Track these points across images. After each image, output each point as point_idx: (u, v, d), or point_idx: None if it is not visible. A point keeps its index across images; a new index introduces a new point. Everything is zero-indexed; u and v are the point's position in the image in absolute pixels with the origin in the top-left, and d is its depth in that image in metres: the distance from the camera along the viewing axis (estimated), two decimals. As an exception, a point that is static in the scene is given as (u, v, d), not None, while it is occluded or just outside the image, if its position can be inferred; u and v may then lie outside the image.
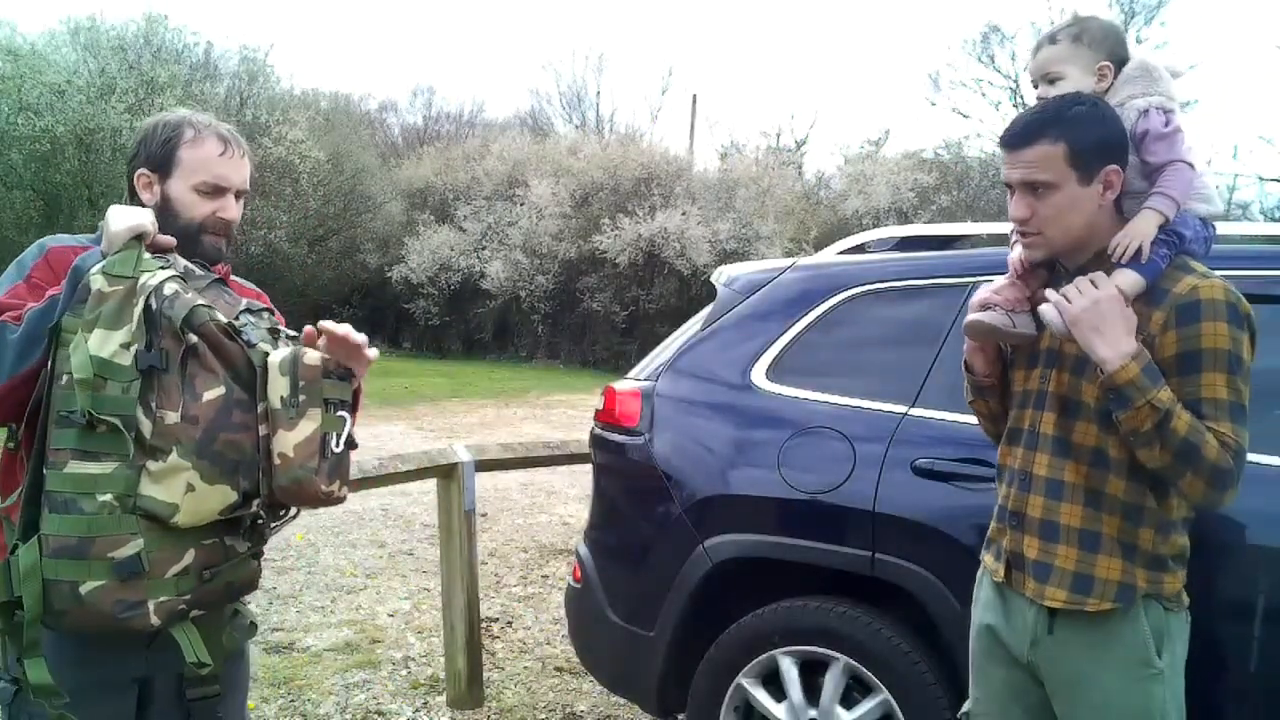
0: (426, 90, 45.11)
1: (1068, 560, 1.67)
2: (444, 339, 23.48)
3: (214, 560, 1.48)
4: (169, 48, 20.41)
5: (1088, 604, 1.64)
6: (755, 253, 19.41)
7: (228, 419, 1.43)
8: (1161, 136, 1.66)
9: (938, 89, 26.57)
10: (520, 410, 12.73)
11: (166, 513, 1.40)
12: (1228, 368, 1.55)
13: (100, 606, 1.38)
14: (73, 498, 1.38)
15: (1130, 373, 1.52)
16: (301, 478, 1.46)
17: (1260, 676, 1.92)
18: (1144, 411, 1.51)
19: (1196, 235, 1.69)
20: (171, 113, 1.70)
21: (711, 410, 2.68)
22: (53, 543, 1.37)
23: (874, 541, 2.30)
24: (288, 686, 3.57)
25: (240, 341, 1.48)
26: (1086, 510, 1.67)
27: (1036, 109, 1.67)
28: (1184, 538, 1.68)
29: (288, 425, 1.45)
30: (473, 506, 3.55)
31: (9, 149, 17.55)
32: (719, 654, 2.53)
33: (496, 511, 6.67)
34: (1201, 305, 1.56)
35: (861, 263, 2.71)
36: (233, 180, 1.67)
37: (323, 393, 1.47)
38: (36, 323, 1.45)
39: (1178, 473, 1.54)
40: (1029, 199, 1.64)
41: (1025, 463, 1.75)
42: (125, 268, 1.45)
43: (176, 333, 1.42)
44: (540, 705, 3.54)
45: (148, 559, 1.40)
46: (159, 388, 1.41)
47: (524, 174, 22.31)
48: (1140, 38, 24.69)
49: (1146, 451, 1.54)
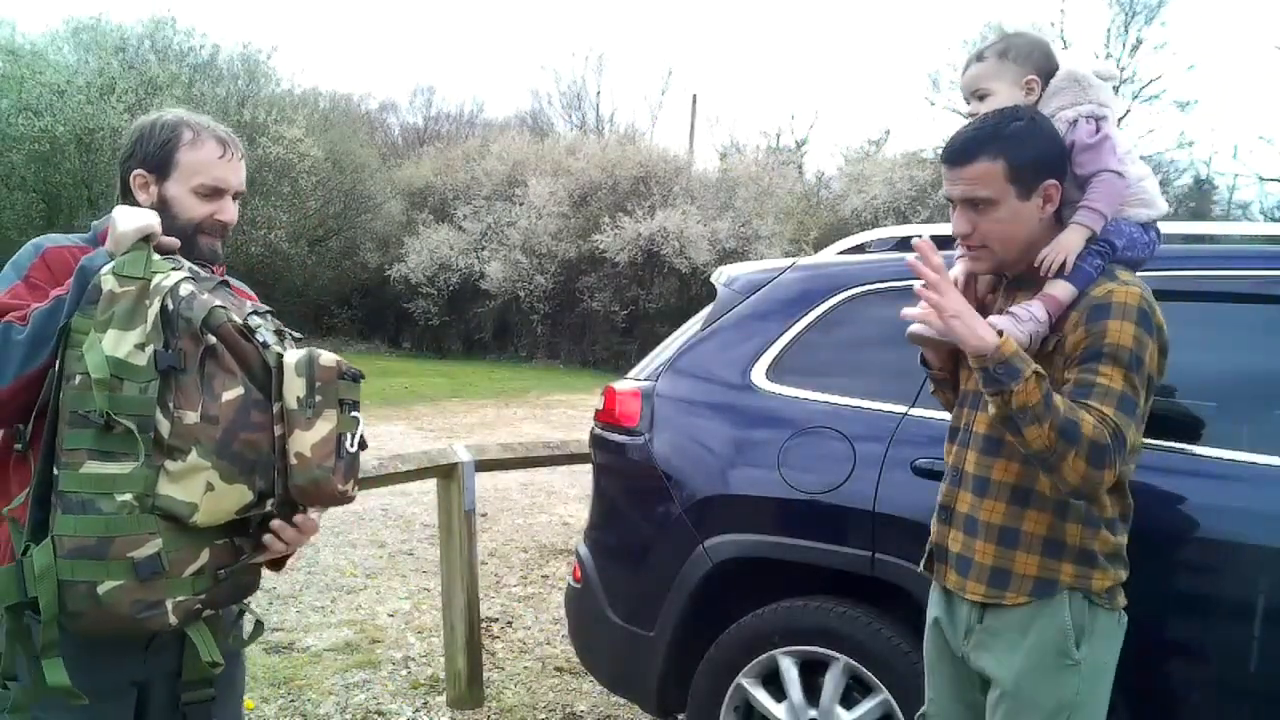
0: (426, 90, 45.17)
1: (985, 555, 1.73)
2: (444, 339, 23.49)
3: (227, 559, 1.49)
4: (173, 48, 20.41)
5: (1005, 598, 1.71)
6: (755, 252, 19.42)
7: (246, 419, 1.44)
8: (1087, 147, 1.70)
9: (937, 89, 26.55)
10: (520, 410, 12.73)
11: (186, 512, 1.40)
12: (1126, 364, 1.58)
13: (118, 607, 1.38)
14: (90, 498, 1.37)
15: (1011, 345, 1.56)
16: (319, 478, 1.47)
17: (1260, 676, 1.92)
18: (1033, 381, 1.53)
19: (1133, 242, 1.72)
20: (168, 112, 1.69)
21: (711, 410, 2.68)
22: (68, 543, 1.37)
23: (874, 541, 2.30)
24: (288, 686, 3.57)
25: (255, 342, 1.48)
26: (1010, 508, 1.71)
27: (975, 125, 1.71)
28: (1117, 536, 1.70)
29: (305, 425, 1.46)
30: (473, 506, 3.55)
31: (9, 149, 17.56)
32: (719, 654, 2.53)
33: (496, 511, 6.67)
34: (1112, 306, 1.61)
35: (861, 263, 2.71)
36: (231, 183, 1.68)
37: (338, 393, 1.48)
38: (43, 323, 1.45)
39: (1061, 454, 1.53)
40: (970, 214, 1.69)
41: (958, 459, 1.82)
42: (136, 268, 1.45)
43: (195, 333, 1.42)
44: (540, 705, 3.54)
45: (167, 558, 1.40)
46: (177, 388, 1.41)
47: (523, 174, 22.33)
48: (1140, 38, 24.69)
49: (1035, 429, 1.54)
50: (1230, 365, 2.17)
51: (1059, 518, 1.68)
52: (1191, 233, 2.69)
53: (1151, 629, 1.92)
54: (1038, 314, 1.66)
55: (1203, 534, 1.98)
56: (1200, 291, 2.12)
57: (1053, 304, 1.67)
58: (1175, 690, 2.03)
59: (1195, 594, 2.03)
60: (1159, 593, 1.96)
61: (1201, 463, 2.01)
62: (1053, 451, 1.54)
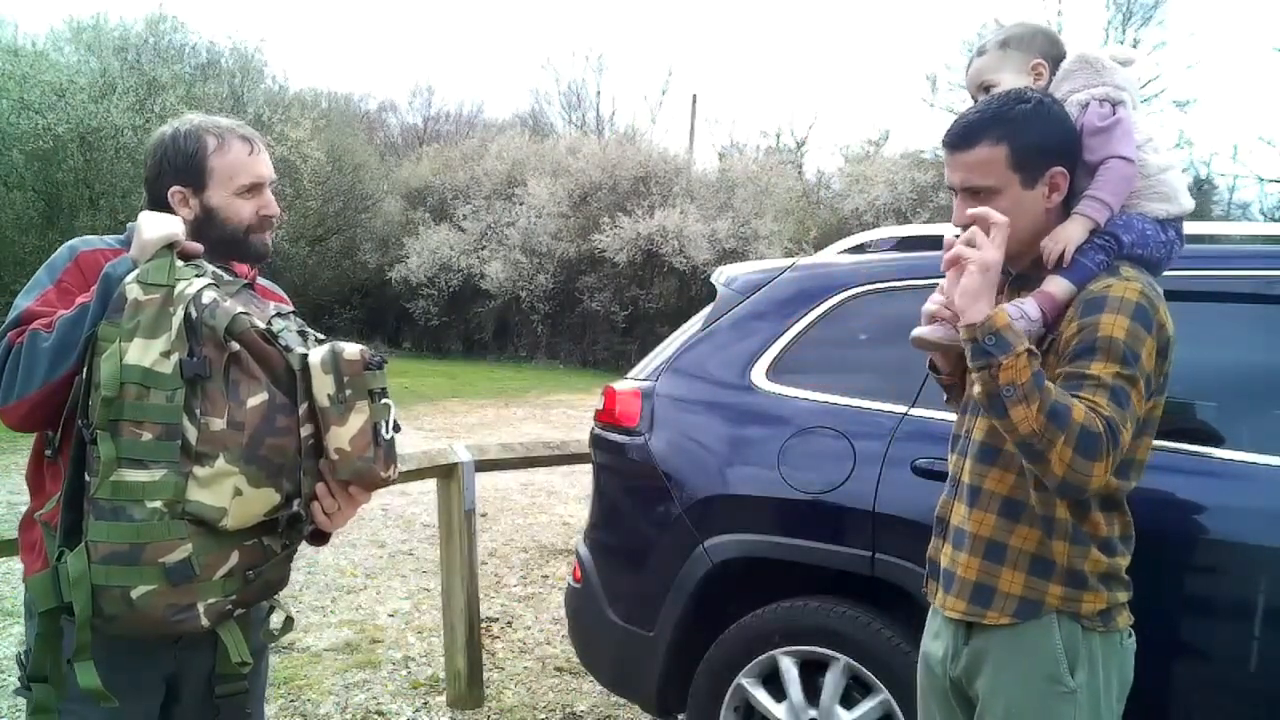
0: (426, 90, 45.22)
1: (969, 570, 1.64)
2: (444, 339, 23.49)
3: (256, 560, 1.51)
4: (172, 47, 20.41)
5: (986, 616, 1.61)
6: (755, 252, 19.42)
7: (272, 424, 1.45)
8: (1097, 130, 1.58)
9: (935, 90, 26.57)
10: (520, 410, 12.73)
11: (215, 517, 1.42)
12: (1120, 358, 1.47)
13: (152, 611, 1.41)
14: (121, 505, 1.39)
15: (1003, 318, 1.47)
16: (362, 469, 1.49)
17: (1260, 676, 1.92)
18: (1024, 358, 1.44)
19: (1143, 239, 1.60)
20: (182, 121, 1.70)
21: (711, 410, 2.68)
22: (101, 549, 1.39)
23: (874, 541, 2.30)
24: (288, 686, 3.57)
25: (278, 346, 1.49)
26: (999, 520, 1.61)
27: (978, 108, 1.61)
28: (1111, 558, 1.59)
29: (339, 421, 1.47)
30: (473, 506, 3.55)
31: (10, 148, 17.54)
32: (719, 654, 2.53)
33: (496, 511, 6.67)
34: (1108, 299, 1.51)
35: (861, 263, 2.71)
36: (265, 175, 1.71)
37: (366, 384, 1.49)
38: (68, 330, 1.46)
39: (1049, 440, 1.41)
40: (971, 204, 1.57)
41: (956, 468, 1.73)
42: (160, 276, 1.46)
43: (219, 340, 1.44)
44: (540, 705, 3.54)
45: (198, 563, 1.42)
46: (203, 395, 1.42)
47: (523, 174, 22.34)
48: (1138, 38, 24.69)
49: (1021, 409, 1.42)
50: (1230, 365, 2.17)
51: (1047, 534, 1.58)
52: (1191, 233, 2.68)
53: (1151, 630, 1.92)
54: (1030, 312, 1.56)
55: (1203, 534, 1.98)
56: (1200, 291, 2.12)
57: (1048, 301, 1.57)
58: (1175, 691, 2.03)
59: (1195, 594, 2.03)
60: (1159, 594, 1.96)
61: (1202, 462, 2.01)
62: (1040, 437, 1.42)
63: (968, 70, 1.82)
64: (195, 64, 20.93)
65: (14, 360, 1.47)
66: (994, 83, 1.73)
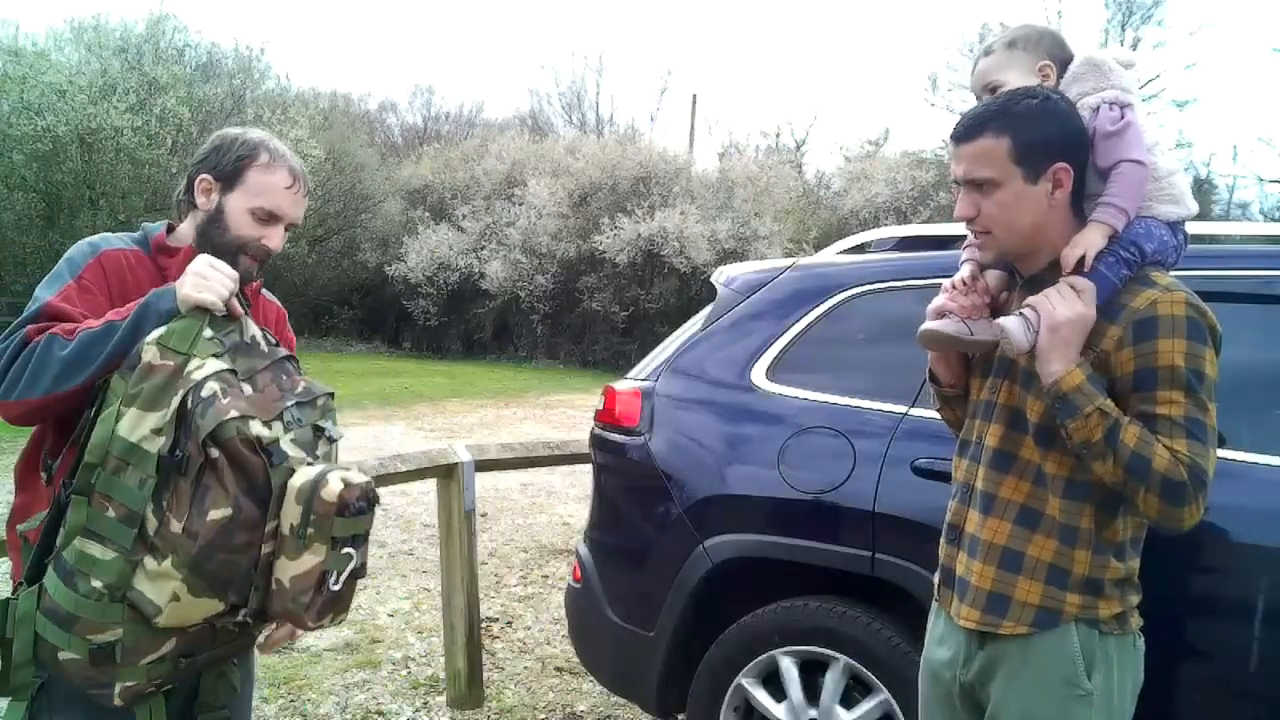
0: (426, 90, 45.39)
1: (984, 579, 1.62)
2: (443, 339, 23.50)
3: (199, 642, 1.49)
4: (172, 48, 20.41)
5: (1002, 626, 1.59)
6: (755, 252, 19.43)
7: (228, 540, 1.39)
8: (1107, 135, 1.58)
9: (935, 90, 26.58)
10: (520, 410, 12.73)
11: (151, 612, 1.39)
12: (1185, 385, 1.46)
13: (71, 677, 1.42)
14: (74, 571, 1.40)
15: (1076, 378, 1.47)
16: (291, 610, 1.44)
17: (1260, 676, 1.92)
18: (1094, 419, 1.45)
19: (1162, 246, 1.59)
20: (253, 130, 1.70)
21: (711, 410, 2.68)
22: (47, 601, 1.41)
23: (874, 541, 2.30)
24: (288, 686, 3.57)
25: (263, 457, 1.42)
26: (1016, 528, 1.60)
27: (985, 103, 1.62)
28: (1126, 563, 1.59)
29: (292, 554, 1.43)
30: (473, 506, 3.55)
31: (11, 149, 17.55)
32: (719, 654, 2.53)
33: (496, 511, 6.67)
34: (1159, 321, 1.49)
35: (862, 262, 2.71)
36: (288, 214, 1.68)
37: (331, 530, 1.42)
38: (88, 346, 1.45)
39: (1133, 490, 1.46)
40: (974, 196, 1.57)
41: (969, 475, 1.70)
42: (182, 342, 1.44)
43: (200, 443, 1.39)
44: (540, 705, 3.54)
45: (121, 650, 1.40)
46: (174, 490, 1.39)
47: (522, 174, 22.35)
48: (1138, 37, 24.69)
49: (1100, 465, 1.47)
50: (1230, 365, 2.16)
51: (1067, 544, 1.56)
52: (1191, 233, 2.68)
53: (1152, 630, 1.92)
54: (1035, 322, 1.54)
55: (1203, 534, 1.98)
56: (1200, 292, 2.11)
57: None
58: (1176, 691, 2.03)
59: (1196, 594, 2.03)
60: (1159, 594, 1.96)
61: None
62: (1124, 486, 1.46)
63: (974, 71, 1.82)
64: (196, 64, 20.93)
65: (25, 358, 1.45)
66: (1000, 83, 1.72)
